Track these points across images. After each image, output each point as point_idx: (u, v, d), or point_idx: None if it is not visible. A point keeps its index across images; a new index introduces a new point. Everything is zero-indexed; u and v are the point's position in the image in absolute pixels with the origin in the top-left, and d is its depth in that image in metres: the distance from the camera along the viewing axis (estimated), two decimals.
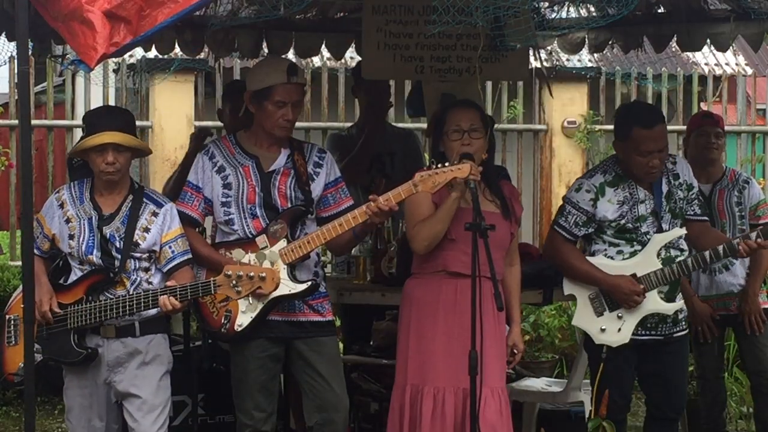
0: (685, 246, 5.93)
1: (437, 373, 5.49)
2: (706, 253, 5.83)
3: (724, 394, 7.33)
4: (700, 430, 7.21)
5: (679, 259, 5.87)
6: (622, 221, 5.86)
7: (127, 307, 5.24)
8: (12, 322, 5.43)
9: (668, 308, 5.86)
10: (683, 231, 5.89)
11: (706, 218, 6.10)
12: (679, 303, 5.91)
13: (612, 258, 5.88)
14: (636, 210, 5.87)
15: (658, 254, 5.84)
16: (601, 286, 5.87)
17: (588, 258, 5.94)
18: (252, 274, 5.15)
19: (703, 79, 12.59)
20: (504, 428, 5.49)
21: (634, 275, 5.82)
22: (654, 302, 5.83)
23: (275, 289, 5.24)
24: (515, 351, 5.68)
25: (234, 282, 5.15)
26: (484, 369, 5.25)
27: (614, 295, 5.84)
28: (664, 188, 5.92)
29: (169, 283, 5.28)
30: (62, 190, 5.48)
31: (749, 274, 6.84)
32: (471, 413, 5.22)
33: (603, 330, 5.87)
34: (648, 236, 5.86)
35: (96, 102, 10.24)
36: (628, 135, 5.83)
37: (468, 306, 5.19)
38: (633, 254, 5.87)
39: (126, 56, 10.50)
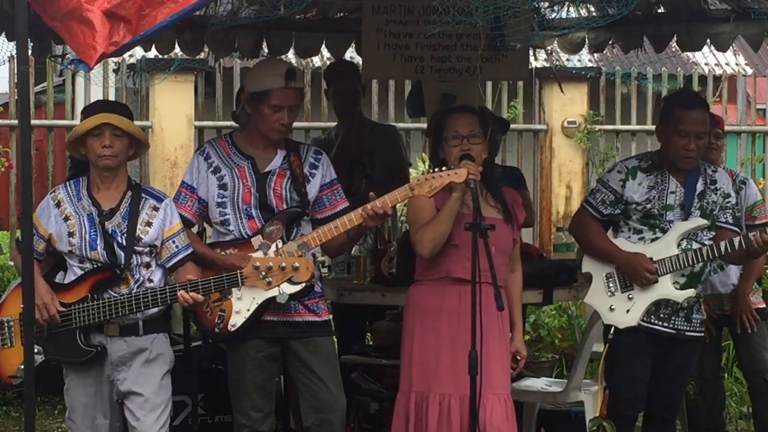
0: (707, 243, 5.93)
1: (442, 380, 5.49)
2: (722, 244, 5.83)
3: (724, 394, 7.34)
4: (700, 430, 7.22)
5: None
6: (649, 206, 5.90)
7: (141, 303, 5.22)
8: (6, 324, 5.38)
9: (679, 295, 5.87)
10: (706, 222, 5.90)
11: (737, 229, 6.10)
12: (690, 291, 5.90)
13: (633, 245, 5.92)
14: (664, 198, 5.91)
15: (679, 244, 5.87)
16: (615, 262, 5.91)
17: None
18: (284, 264, 5.12)
19: (703, 79, 12.59)
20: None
21: (650, 259, 5.85)
22: (666, 287, 5.85)
23: (311, 278, 5.23)
24: (518, 357, 5.68)
25: (264, 273, 5.14)
26: (489, 375, 5.27)
27: (626, 270, 5.87)
28: (699, 187, 5.97)
29: (190, 277, 5.27)
30: (58, 189, 5.46)
31: (742, 275, 6.84)
32: (471, 413, 5.22)
33: (612, 309, 5.90)
34: (672, 225, 5.90)
35: None
36: (669, 115, 5.93)
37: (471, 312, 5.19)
38: (654, 241, 5.90)
39: (126, 56, 10.51)
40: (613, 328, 5.87)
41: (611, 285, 5.94)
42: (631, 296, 5.89)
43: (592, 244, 6.02)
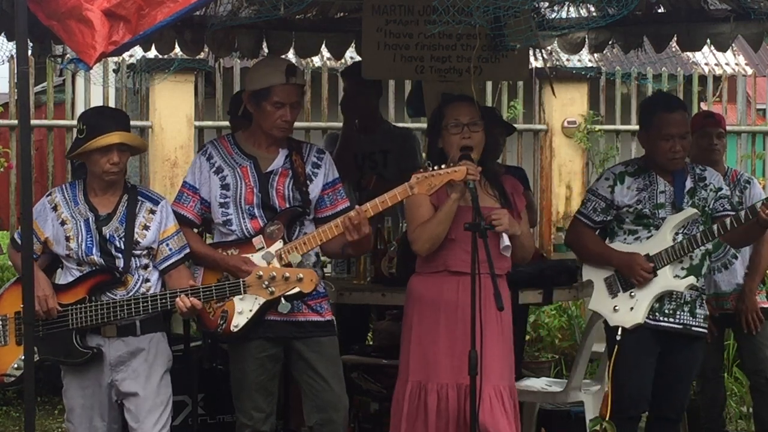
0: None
1: (440, 370, 5.52)
2: (714, 227, 5.82)
3: (724, 393, 7.34)
4: (700, 430, 7.22)
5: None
6: (640, 206, 5.93)
7: (141, 308, 5.22)
8: (0, 322, 5.36)
9: (680, 285, 5.87)
10: (697, 211, 5.90)
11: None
12: (690, 278, 5.89)
13: (630, 245, 5.94)
14: (655, 197, 5.94)
15: (674, 237, 5.88)
16: (611, 263, 5.94)
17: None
18: (288, 275, 5.13)
19: (703, 79, 12.59)
20: (506, 427, 5.49)
21: (647, 255, 5.87)
22: (666, 279, 5.86)
23: (314, 290, 5.23)
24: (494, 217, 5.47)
25: (266, 283, 5.14)
26: (487, 368, 5.27)
27: (622, 270, 5.90)
28: (688, 184, 5.98)
29: (192, 283, 5.27)
30: (54, 192, 5.45)
31: (747, 273, 6.85)
32: (471, 413, 5.22)
33: (616, 309, 5.92)
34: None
35: (96, 102, 10.24)
36: (651, 121, 5.96)
37: (469, 303, 5.19)
38: (649, 238, 5.92)
39: (126, 56, 10.51)
40: (620, 329, 5.85)
41: (612, 287, 5.96)
42: (633, 294, 5.90)
43: (588, 251, 6.05)
